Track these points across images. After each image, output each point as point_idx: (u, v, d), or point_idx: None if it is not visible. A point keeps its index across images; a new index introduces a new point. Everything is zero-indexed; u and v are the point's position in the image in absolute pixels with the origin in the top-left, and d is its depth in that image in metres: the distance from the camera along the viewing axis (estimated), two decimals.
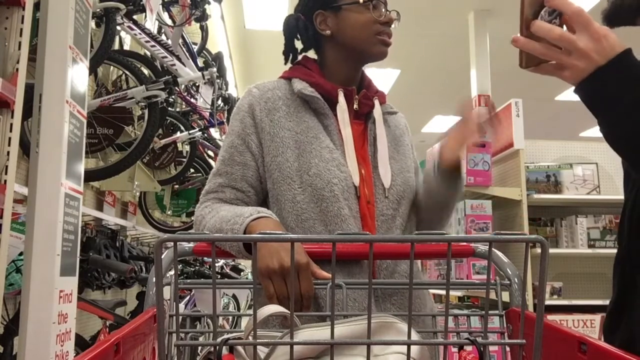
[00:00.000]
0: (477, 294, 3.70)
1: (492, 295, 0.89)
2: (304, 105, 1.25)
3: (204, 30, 4.39)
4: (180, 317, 0.88)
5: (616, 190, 3.46)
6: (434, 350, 0.98)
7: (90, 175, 2.69)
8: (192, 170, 4.35)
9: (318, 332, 0.73)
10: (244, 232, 1.06)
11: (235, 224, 1.07)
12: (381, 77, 8.32)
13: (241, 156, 1.22)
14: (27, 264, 1.60)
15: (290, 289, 0.90)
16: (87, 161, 2.75)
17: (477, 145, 1.18)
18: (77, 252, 1.82)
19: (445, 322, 0.60)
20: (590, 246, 3.38)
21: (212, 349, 0.69)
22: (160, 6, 3.47)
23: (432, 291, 1.22)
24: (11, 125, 1.56)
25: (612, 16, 0.97)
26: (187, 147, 3.96)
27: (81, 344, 2.47)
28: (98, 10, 2.45)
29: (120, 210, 4.03)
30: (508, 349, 0.88)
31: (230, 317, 5.36)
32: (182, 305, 3.58)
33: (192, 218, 4.55)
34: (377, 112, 1.28)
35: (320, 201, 1.15)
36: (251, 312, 0.62)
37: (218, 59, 4.40)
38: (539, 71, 0.86)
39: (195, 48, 4.12)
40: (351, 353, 0.69)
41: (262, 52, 7.76)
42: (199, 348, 0.88)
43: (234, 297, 5.70)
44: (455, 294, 3.99)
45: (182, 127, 3.88)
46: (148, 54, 3.12)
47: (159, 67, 3.10)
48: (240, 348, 0.68)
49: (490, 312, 0.85)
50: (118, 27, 2.67)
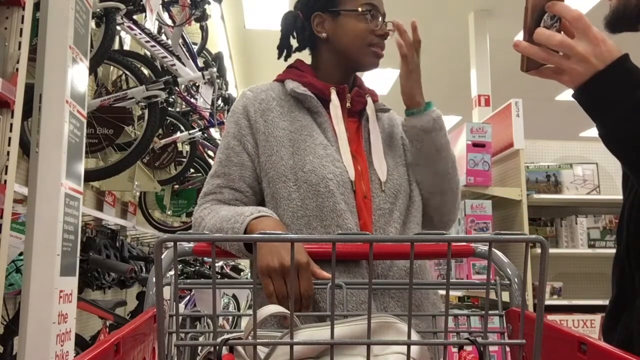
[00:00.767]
0: (477, 294, 3.69)
1: (492, 295, 0.89)
2: (297, 104, 1.26)
3: (204, 30, 4.39)
4: (180, 317, 0.88)
5: (616, 190, 3.46)
6: (434, 350, 0.98)
7: (90, 175, 2.69)
8: (192, 170, 4.35)
9: (318, 332, 0.73)
10: (245, 231, 1.06)
11: (235, 223, 1.08)
12: (381, 77, 8.32)
13: (238, 157, 1.23)
14: (27, 264, 1.60)
15: (290, 289, 0.91)
16: (87, 161, 2.75)
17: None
18: (77, 252, 1.82)
19: (445, 322, 0.60)
20: (590, 246, 3.38)
21: (212, 349, 0.69)
22: (160, 6, 3.47)
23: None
24: (11, 125, 1.56)
25: (614, 22, 0.98)
26: (187, 147, 3.96)
27: (81, 344, 2.47)
28: (98, 10, 2.45)
29: (120, 210, 4.03)
30: (508, 349, 0.88)
31: (230, 317, 5.36)
32: (182, 305, 3.58)
33: (192, 218, 4.57)
34: (370, 109, 1.29)
35: (315, 197, 1.16)
36: (251, 312, 0.62)
37: (218, 59, 4.40)
38: (540, 75, 0.88)
39: (195, 48, 4.12)
40: (351, 353, 0.69)
41: (262, 52, 7.76)
42: (199, 348, 0.88)
43: (234, 297, 5.70)
44: (455, 294, 3.99)
45: (182, 127, 3.88)
46: (148, 54, 3.12)
47: (159, 67, 3.11)
48: (240, 348, 0.68)
49: (490, 312, 0.85)
50: (118, 27, 2.67)
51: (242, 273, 5.88)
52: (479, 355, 0.62)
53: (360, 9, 1.25)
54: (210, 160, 4.60)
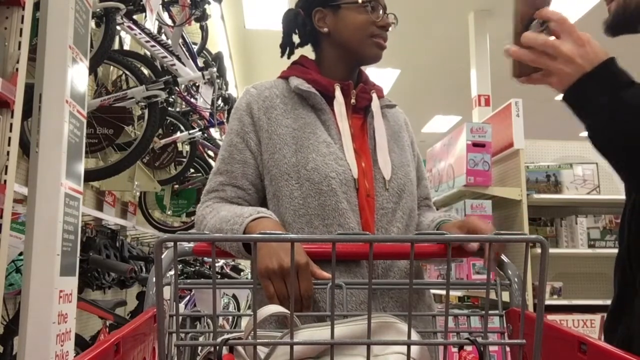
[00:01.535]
0: (477, 294, 3.69)
1: (492, 295, 0.89)
2: (301, 102, 1.26)
3: (204, 30, 4.39)
4: (180, 317, 0.88)
5: (616, 190, 3.46)
6: (434, 350, 0.98)
7: (90, 175, 2.69)
8: (192, 170, 4.35)
9: (318, 332, 0.73)
10: (244, 232, 1.06)
11: (235, 224, 1.08)
12: (381, 77, 8.33)
13: (241, 154, 1.22)
14: (27, 264, 1.60)
15: (290, 289, 0.91)
16: (87, 161, 2.75)
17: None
18: (77, 252, 1.82)
19: (445, 322, 0.60)
20: (590, 246, 3.37)
21: (212, 349, 0.69)
22: (160, 6, 3.47)
23: (432, 291, 1.22)
24: (11, 125, 1.56)
25: (614, 25, 0.99)
26: (187, 147, 3.96)
27: (81, 344, 2.47)
28: (98, 10, 2.45)
29: (120, 210, 4.03)
30: (508, 349, 0.88)
31: (230, 317, 5.36)
32: (182, 305, 3.58)
33: (192, 218, 4.58)
34: (375, 105, 1.28)
35: (318, 195, 1.15)
36: (251, 312, 0.62)
37: (218, 59, 4.40)
38: (530, 81, 0.92)
39: (195, 48, 4.12)
40: (351, 353, 0.69)
41: (262, 52, 7.76)
42: (199, 348, 0.88)
43: (234, 297, 5.70)
44: (455, 294, 3.99)
45: (182, 127, 3.88)
46: (148, 54, 3.12)
47: (159, 67, 3.10)
48: (240, 348, 0.68)
49: (490, 312, 0.85)
50: (118, 27, 2.67)
51: (242, 273, 5.88)
52: (479, 355, 0.62)
53: (360, 1, 1.24)
54: (210, 160, 4.60)
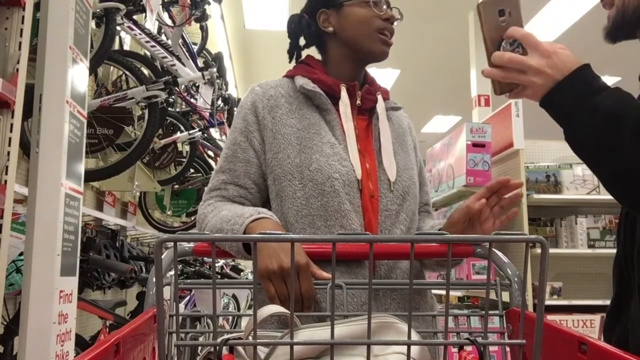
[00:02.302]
0: (477, 294, 3.69)
1: (492, 295, 0.89)
2: (306, 102, 1.25)
3: (204, 30, 4.39)
4: (180, 317, 0.88)
5: None
6: (434, 351, 0.98)
7: (90, 175, 2.70)
8: (192, 170, 4.35)
9: (318, 332, 0.73)
10: (244, 233, 1.06)
11: (235, 224, 1.07)
12: (381, 77, 8.32)
13: (244, 153, 1.22)
14: (27, 264, 1.60)
15: (291, 290, 0.91)
16: (87, 161, 2.75)
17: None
18: (77, 252, 1.82)
19: (445, 322, 0.60)
20: (590, 246, 3.37)
21: (212, 349, 0.69)
22: (160, 6, 3.47)
23: (432, 291, 1.23)
24: (11, 125, 1.57)
25: (613, 32, 1.01)
26: (187, 147, 3.96)
27: (81, 344, 2.47)
28: (98, 10, 2.45)
29: (120, 210, 4.03)
30: (508, 349, 0.88)
31: (230, 317, 5.36)
32: (182, 305, 3.58)
33: (192, 218, 4.58)
34: (380, 107, 1.28)
35: (320, 196, 1.15)
36: (251, 312, 0.62)
37: (218, 59, 4.40)
38: (512, 96, 0.95)
39: (195, 48, 4.12)
40: (351, 353, 0.69)
41: (262, 52, 7.76)
42: (199, 348, 0.88)
43: (234, 297, 5.70)
44: (455, 294, 3.99)
45: (182, 127, 3.88)
46: (148, 54, 3.12)
47: (159, 67, 3.10)
48: (240, 348, 0.68)
49: (490, 312, 0.85)
50: (118, 27, 2.67)
51: (242, 273, 5.88)
52: (479, 355, 0.62)
53: None
54: (210, 160, 4.60)
